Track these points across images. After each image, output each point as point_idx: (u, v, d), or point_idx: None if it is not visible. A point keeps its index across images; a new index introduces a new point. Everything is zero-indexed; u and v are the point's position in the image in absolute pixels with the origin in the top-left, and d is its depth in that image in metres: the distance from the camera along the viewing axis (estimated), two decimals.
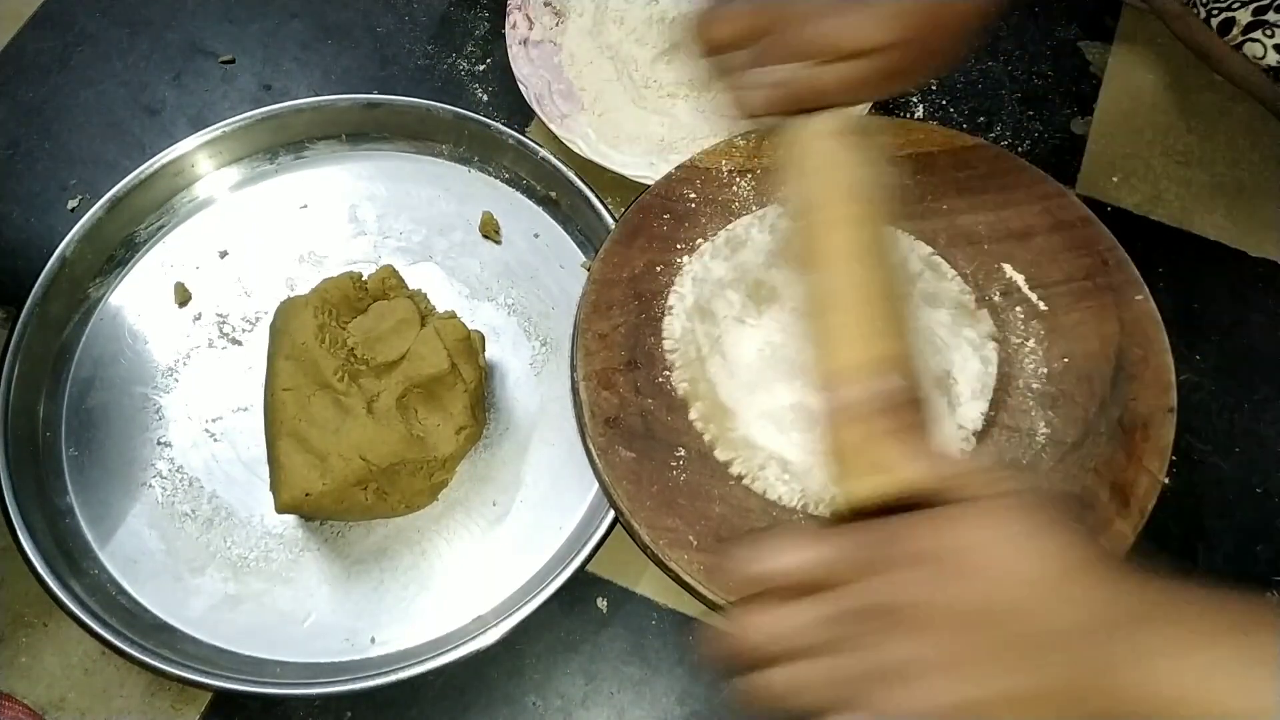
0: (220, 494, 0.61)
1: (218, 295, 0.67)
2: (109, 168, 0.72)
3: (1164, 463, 0.54)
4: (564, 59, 0.74)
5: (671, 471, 0.54)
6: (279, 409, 0.56)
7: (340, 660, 0.57)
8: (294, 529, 0.60)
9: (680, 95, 0.72)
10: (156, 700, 0.57)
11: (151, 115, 0.76)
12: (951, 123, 0.73)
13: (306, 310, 0.58)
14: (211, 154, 0.71)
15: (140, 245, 0.69)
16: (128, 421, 0.63)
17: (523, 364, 0.65)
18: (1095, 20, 0.78)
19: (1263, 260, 0.68)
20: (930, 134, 0.64)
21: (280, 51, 0.79)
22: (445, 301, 0.66)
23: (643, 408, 0.56)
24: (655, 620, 0.58)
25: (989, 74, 0.76)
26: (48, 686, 0.58)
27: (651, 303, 0.59)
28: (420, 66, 0.78)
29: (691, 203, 0.62)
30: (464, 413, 0.59)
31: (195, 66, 0.78)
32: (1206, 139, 0.73)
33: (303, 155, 0.72)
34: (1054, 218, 0.61)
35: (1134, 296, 0.58)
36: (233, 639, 0.57)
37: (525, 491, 0.61)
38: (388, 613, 0.58)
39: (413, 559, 0.59)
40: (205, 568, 0.59)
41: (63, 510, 0.61)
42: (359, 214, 0.70)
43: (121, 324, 0.67)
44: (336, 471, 0.54)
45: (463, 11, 0.80)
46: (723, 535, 0.52)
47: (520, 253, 0.69)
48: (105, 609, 0.56)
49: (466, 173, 0.71)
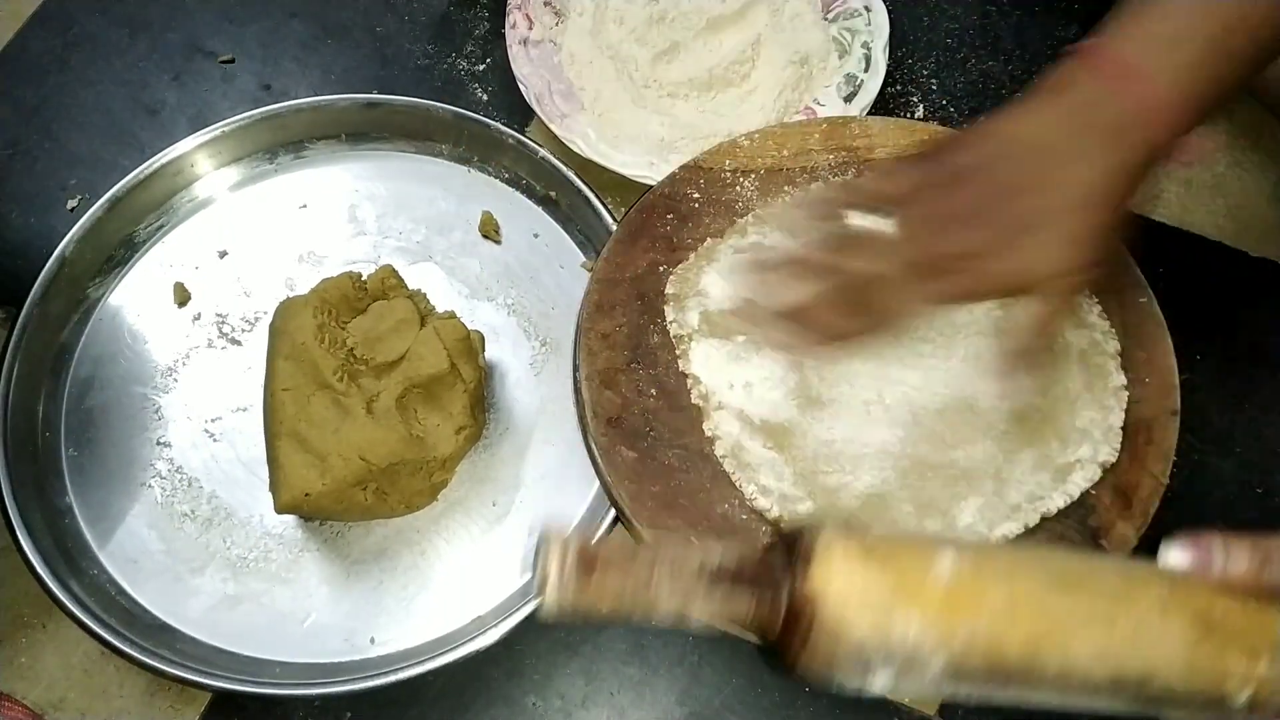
0: (220, 494, 0.61)
1: (217, 295, 0.67)
2: (108, 167, 0.72)
3: (1167, 465, 0.54)
4: (564, 59, 0.74)
5: (673, 471, 0.54)
6: (278, 409, 0.56)
7: (340, 660, 0.56)
8: (293, 529, 0.60)
9: (680, 95, 0.72)
10: (156, 700, 0.57)
11: (151, 115, 0.76)
12: (952, 122, 0.73)
13: (306, 310, 0.58)
14: (211, 154, 0.71)
15: (140, 245, 0.69)
16: (127, 421, 0.63)
17: (522, 364, 0.65)
18: (1095, 19, 0.77)
19: (1263, 260, 0.68)
20: (935, 135, 0.64)
21: (280, 51, 0.79)
22: (445, 301, 0.65)
23: (645, 408, 0.56)
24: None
25: (989, 74, 0.76)
26: (47, 687, 0.58)
27: (654, 302, 0.59)
28: (420, 66, 0.77)
29: (695, 203, 0.62)
30: (463, 413, 0.58)
31: (195, 66, 0.78)
32: (1207, 139, 0.73)
33: (302, 155, 0.72)
34: None
35: (1137, 298, 0.58)
36: (232, 639, 0.57)
37: (525, 491, 0.61)
38: (387, 613, 0.58)
39: (412, 559, 0.59)
40: (205, 568, 0.59)
41: (62, 510, 0.61)
42: (358, 214, 0.70)
43: (121, 324, 0.67)
44: (336, 472, 0.54)
45: (462, 11, 0.80)
46: (724, 535, 0.52)
47: (520, 252, 0.68)
48: (105, 609, 0.56)
49: (466, 172, 0.71)
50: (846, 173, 0.63)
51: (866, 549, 0.37)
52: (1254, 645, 0.38)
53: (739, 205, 0.63)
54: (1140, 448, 0.54)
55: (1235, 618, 0.38)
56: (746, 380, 0.56)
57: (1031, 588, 0.37)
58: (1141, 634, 0.37)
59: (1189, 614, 0.37)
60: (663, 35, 0.72)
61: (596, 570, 0.37)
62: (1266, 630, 0.38)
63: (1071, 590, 0.37)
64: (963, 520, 0.52)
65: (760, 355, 0.56)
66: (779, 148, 0.64)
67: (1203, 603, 0.38)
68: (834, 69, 0.73)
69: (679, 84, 0.71)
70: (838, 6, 0.74)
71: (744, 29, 0.73)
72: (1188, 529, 0.39)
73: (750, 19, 0.73)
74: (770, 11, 0.73)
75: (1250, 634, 0.38)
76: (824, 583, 0.36)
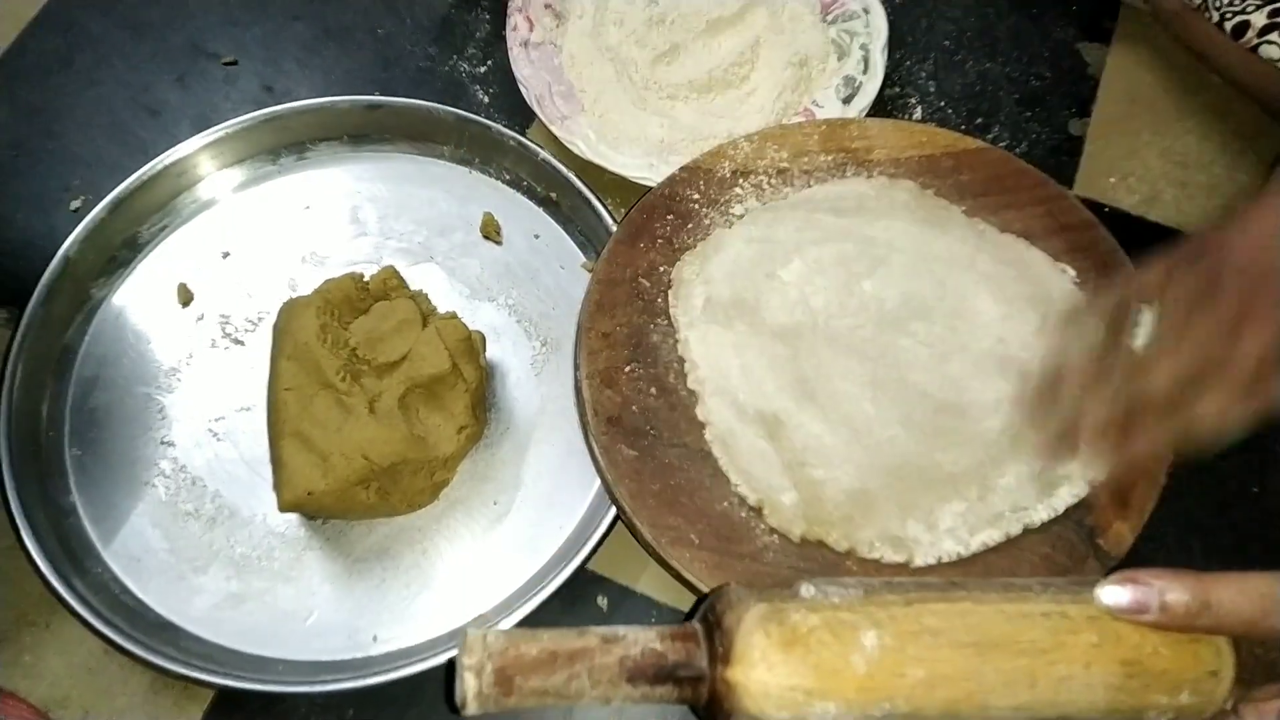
0: (223, 493, 0.61)
1: (220, 296, 0.67)
2: (111, 169, 0.72)
3: (1163, 465, 0.54)
4: (564, 60, 0.74)
5: (674, 470, 0.54)
6: (281, 409, 0.57)
7: (342, 658, 0.57)
8: (296, 528, 0.60)
9: (680, 97, 0.72)
10: (160, 698, 0.57)
11: (154, 116, 0.77)
12: (950, 124, 0.74)
13: (309, 311, 0.58)
14: (214, 155, 0.71)
15: (143, 246, 0.69)
16: (131, 421, 0.63)
17: (523, 364, 0.65)
18: (1093, 21, 0.78)
19: None
20: (933, 136, 0.64)
21: (282, 53, 0.79)
22: (446, 302, 0.66)
23: (645, 406, 0.56)
24: (655, 618, 0.59)
25: (987, 75, 0.76)
26: (51, 685, 0.58)
27: (654, 302, 0.59)
28: (421, 68, 0.78)
29: (694, 204, 0.63)
30: (465, 412, 0.59)
31: (198, 68, 0.79)
32: (1204, 140, 0.73)
33: (305, 156, 0.72)
34: (1056, 220, 0.61)
35: None
36: (235, 637, 0.57)
37: (526, 490, 0.61)
38: (389, 611, 0.58)
39: (414, 558, 0.59)
40: (208, 566, 0.59)
41: (66, 509, 0.61)
42: (360, 215, 0.70)
43: (124, 324, 0.67)
44: (338, 471, 0.55)
45: (464, 13, 0.80)
46: (724, 533, 0.53)
47: (521, 253, 0.69)
48: (108, 608, 0.56)
49: (467, 174, 0.72)
50: (844, 173, 0.64)
51: (786, 641, 0.38)
52: (1178, 681, 0.39)
53: (738, 206, 0.63)
54: None
55: (1163, 657, 0.39)
56: (743, 366, 0.56)
57: (953, 656, 0.39)
58: (1063, 688, 0.39)
59: (1115, 661, 0.39)
60: (662, 37, 0.73)
61: (516, 678, 0.38)
62: (1193, 665, 0.39)
63: (995, 651, 0.39)
64: (944, 524, 0.52)
65: (759, 344, 0.56)
66: (778, 149, 0.64)
67: (1131, 648, 0.39)
68: (833, 71, 0.73)
69: (679, 86, 0.72)
70: (836, 9, 0.75)
71: (743, 31, 0.74)
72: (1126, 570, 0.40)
73: (749, 21, 0.74)
74: (769, 14, 0.73)
75: (1176, 671, 0.39)
76: (744, 675, 0.38)
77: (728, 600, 0.40)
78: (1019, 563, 0.52)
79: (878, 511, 0.52)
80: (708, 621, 0.40)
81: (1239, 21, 0.62)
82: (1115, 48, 0.77)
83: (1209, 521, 0.60)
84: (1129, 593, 0.39)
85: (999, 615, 0.40)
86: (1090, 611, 0.40)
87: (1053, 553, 0.52)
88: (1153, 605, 0.39)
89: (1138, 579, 0.39)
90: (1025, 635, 0.39)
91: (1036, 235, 0.61)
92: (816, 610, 0.40)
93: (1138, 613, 0.39)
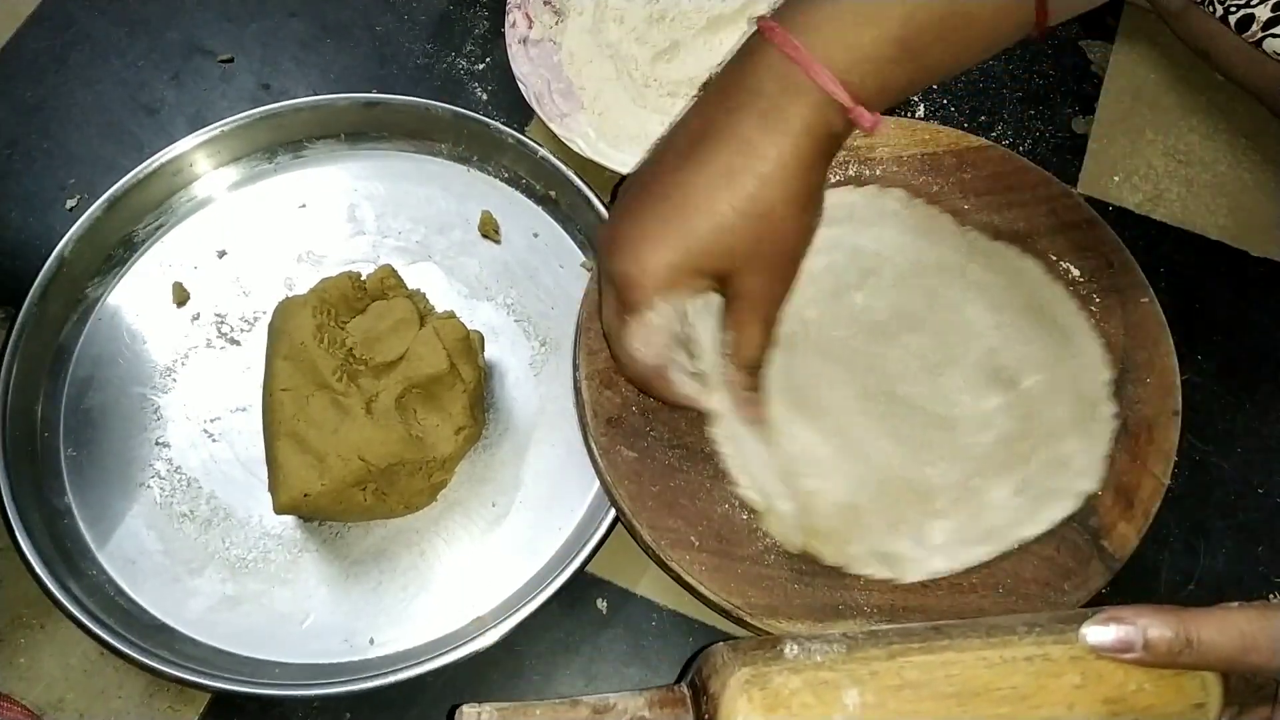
0: (219, 494, 0.61)
1: (216, 295, 0.67)
2: (107, 167, 0.72)
3: (1168, 466, 0.54)
4: (564, 58, 0.74)
5: (673, 471, 0.54)
6: (277, 409, 0.56)
7: (339, 661, 0.56)
8: (292, 530, 0.60)
9: (680, 94, 0.71)
10: (155, 701, 0.57)
11: (150, 114, 0.76)
12: (953, 122, 0.73)
13: (305, 310, 0.58)
14: (210, 153, 0.70)
15: (138, 245, 0.69)
16: (126, 422, 0.63)
17: (522, 364, 0.65)
18: (1097, 19, 0.78)
19: (1265, 260, 0.68)
20: (936, 134, 0.64)
21: (279, 51, 0.79)
22: (444, 301, 0.65)
23: (645, 407, 0.55)
24: (655, 621, 0.58)
25: (990, 73, 0.76)
26: (46, 687, 0.57)
27: None
28: (419, 65, 0.77)
29: None
30: (463, 413, 0.58)
31: (194, 66, 0.78)
32: (1208, 138, 0.73)
33: (301, 155, 0.72)
34: (1060, 219, 0.61)
35: (1139, 299, 0.58)
36: (231, 640, 0.57)
37: (524, 492, 0.61)
38: (386, 614, 0.58)
39: (412, 560, 0.59)
40: (204, 568, 0.59)
41: (61, 511, 0.60)
42: (358, 213, 0.70)
43: (120, 324, 0.66)
44: (335, 472, 0.54)
45: (462, 10, 0.80)
46: (724, 536, 0.52)
47: (519, 252, 0.68)
48: (104, 610, 0.56)
49: (465, 172, 0.71)
50: (848, 170, 0.63)
51: (769, 705, 0.39)
52: (1163, 716, 0.40)
53: None
54: (1141, 448, 0.54)
55: (1148, 693, 0.40)
56: None
57: (935, 708, 0.39)
58: None
59: (1099, 700, 0.39)
60: (663, 34, 0.72)
61: None
62: (1177, 699, 0.40)
63: (977, 700, 0.39)
64: (934, 540, 0.52)
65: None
66: None
67: (1114, 686, 0.40)
68: None
69: (679, 83, 0.71)
70: None
71: (744, 28, 0.73)
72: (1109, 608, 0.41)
73: (750, 18, 0.73)
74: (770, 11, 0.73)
75: (1161, 705, 0.40)
76: None
77: (713, 665, 0.42)
78: (1022, 565, 0.52)
79: (866, 526, 0.52)
80: (695, 686, 0.42)
81: (1244, 15, 0.61)
82: (1119, 45, 0.77)
83: (1214, 523, 0.60)
84: (1113, 632, 0.39)
85: (980, 663, 0.40)
86: (1074, 651, 0.40)
87: (1057, 555, 0.52)
88: (1136, 643, 0.39)
89: (1121, 618, 0.40)
90: (1007, 681, 0.39)
91: (1039, 234, 0.61)
92: (799, 671, 0.40)
93: (1122, 651, 0.39)
